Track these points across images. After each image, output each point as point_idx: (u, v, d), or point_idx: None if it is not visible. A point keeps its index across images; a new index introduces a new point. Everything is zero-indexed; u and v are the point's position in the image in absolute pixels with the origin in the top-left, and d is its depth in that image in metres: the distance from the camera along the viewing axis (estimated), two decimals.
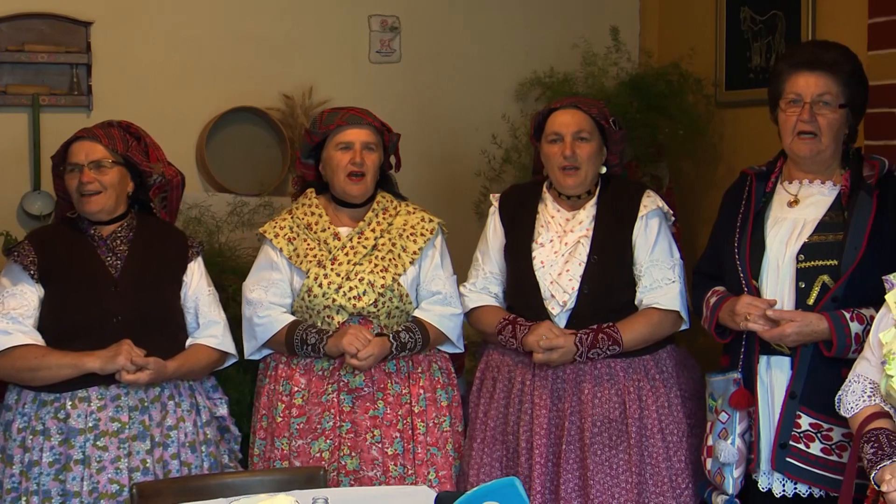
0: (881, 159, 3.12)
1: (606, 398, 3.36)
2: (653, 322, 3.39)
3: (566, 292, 3.39)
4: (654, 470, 3.35)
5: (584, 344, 3.32)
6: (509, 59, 4.74)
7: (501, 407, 3.48)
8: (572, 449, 3.35)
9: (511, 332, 3.42)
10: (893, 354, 2.63)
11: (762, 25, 4.23)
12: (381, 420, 3.38)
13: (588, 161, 3.43)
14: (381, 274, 3.40)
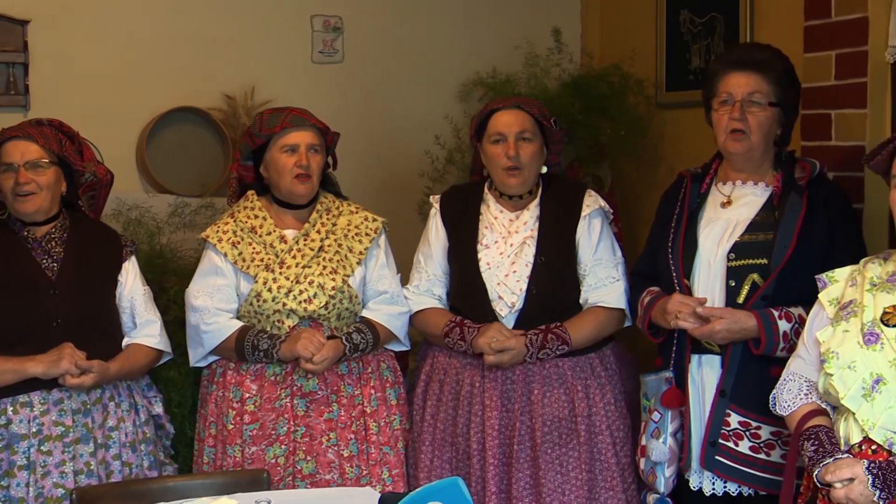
0: (812, 161, 3.18)
1: (556, 397, 3.38)
2: (599, 320, 3.43)
3: (514, 293, 3.41)
4: (604, 465, 3.38)
5: (535, 345, 3.34)
6: (452, 59, 4.75)
7: (450, 409, 3.48)
8: (524, 448, 3.37)
9: (459, 334, 3.43)
10: (832, 353, 2.67)
11: (701, 27, 4.28)
12: (335, 422, 3.38)
13: (531, 161, 3.45)
14: (330, 276, 3.39)
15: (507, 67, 4.64)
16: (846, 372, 2.62)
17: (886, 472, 2.48)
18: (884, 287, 2.70)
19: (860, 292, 2.73)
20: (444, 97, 4.72)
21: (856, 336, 2.65)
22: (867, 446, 2.57)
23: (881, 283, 2.71)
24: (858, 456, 2.56)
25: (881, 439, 2.54)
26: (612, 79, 4.53)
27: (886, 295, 2.67)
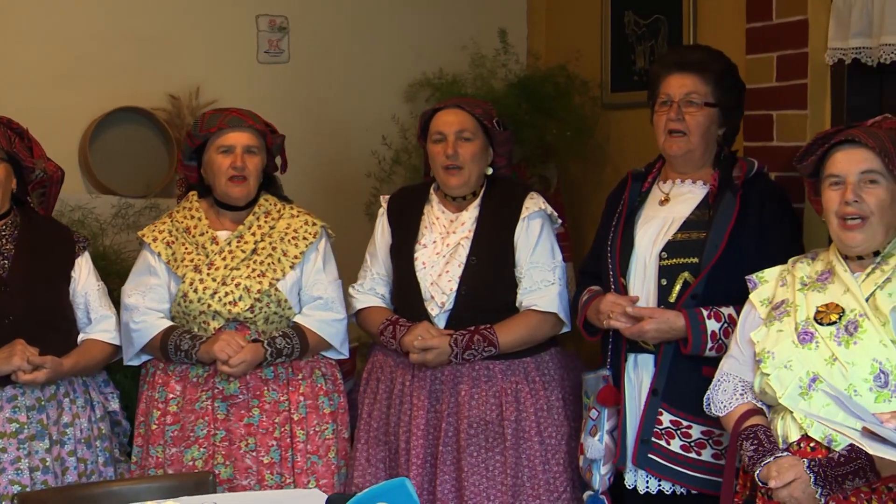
0: (750, 161, 3.21)
1: (483, 399, 3.37)
2: (531, 324, 3.41)
3: (444, 293, 3.41)
4: (531, 472, 3.36)
5: (460, 345, 3.34)
6: (399, 60, 4.74)
7: (384, 408, 3.48)
8: (448, 450, 3.37)
9: (392, 332, 3.43)
10: (768, 353, 2.70)
11: (645, 29, 4.31)
12: (256, 428, 3.35)
13: (471, 161, 3.45)
14: (257, 279, 3.36)
15: (454, 68, 4.64)
16: (783, 371, 2.65)
17: (827, 469, 2.52)
18: (814, 286, 2.73)
19: (792, 292, 2.76)
20: (391, 98, 4.72)
21: (790, 335, 2.68)
22: (806, 444, 2.61)
23: (812, 283, 2.75)
24: (797, 454, 2.60)
25: (820, 437, 2.58)
26: (558, 79, 4.55)
27: (818, 294, 2.71)
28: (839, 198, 2.66)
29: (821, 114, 3.40)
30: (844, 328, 2.60)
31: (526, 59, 4.88)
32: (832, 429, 2.54)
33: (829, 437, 2.56)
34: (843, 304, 2.64)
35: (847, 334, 2.59)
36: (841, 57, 3.28)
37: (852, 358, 2.56)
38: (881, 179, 2.64)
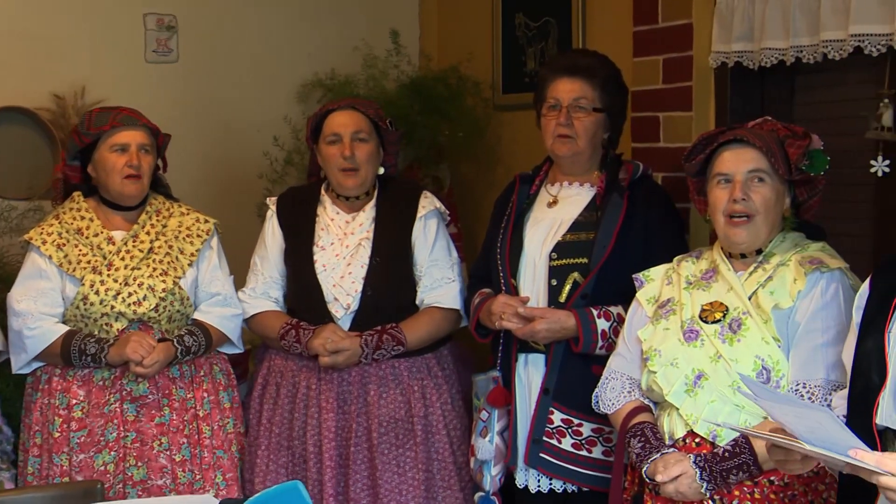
0: (636, 163, 3.28)
1: (392, 398, 3.40)
2: (435, 321, 3.45)
3: (349, 294, 3.40)
4: (441, 465, 3.41)
5: (370, 345, 3.34)
6: (290, 60, 4.70)
7: (286, 413, 3.46)
8: (360, 450, 3.37)
9: (295, 336, 3.40)
10: (655, 351, 2.76)
11: (536, 31, 4.36)
12: (167, 427, 3.32)
13: (367, 161, 3.46)
14: (160, 278, 3.33)
15: (346, 69, 4.63)
16: (669, 369, 2.70)
17: (712, 464, 2.57)
18: (699, 285, 2.79)
19: (677, 290, 2.82)
20: (283, 98, 4.68)
21: (676, 334, 2.73)
22: (691, 440, 2.66)
23: (696, 282, 2.80)
24: (683, 450, 2.65)
25: (705, 432, 2.64)
26: (450, 81, 4.57)
27: (702, 293, 2.76)
28: (727, 196, 2.71)
29: (705, 115, 3.47)
30: (728, 326, 2.66)
31: (418, 61, 4.89)
32: (716, 424, 2.61)
33: (714, 432, 2.62)
34: (727, 302, 2.70)
35: (731, 332, 2.65)
36: (724, 60, 3.36)
37: (736, 355, 2.62)
38: (767, 178, 2.70)
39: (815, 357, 2.55)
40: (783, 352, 2.60)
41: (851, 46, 2.93)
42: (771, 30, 3.17)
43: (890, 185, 3.02)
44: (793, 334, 2.60)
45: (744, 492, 2.57)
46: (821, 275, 2.62)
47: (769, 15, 3.17)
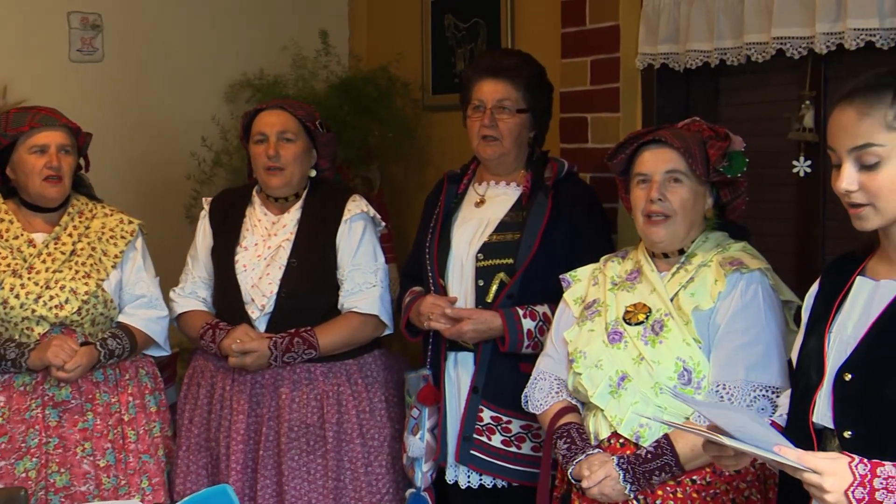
0: (561, 161, 3.30)
1: (304, 403, 3.36)
2: (352, 326, 3.40)
3: (265, 296, 3.37)
4: (353, 475, 3.36)
5: (279, 348, 3.31)
6: (218, 60, 4.66)
7: (205, 413, 3.44)
8: (269, 454, 3.34)
9: (212, 336, 3.38)
10: (580, 353, 2.77)
11: (465, 32, 4.37)
12: (91, 432, 3.27)
13: (293, 162, 3.42)
14: (83, 280, 3.27)
15: (275, 69, 4.60)
16: (593, 370, 2.72)
17: (635, 465, 2.59)
18: (624, 286, 2.81)
19: (603, 291, 2.84)
20: (211, 98, 4.63)
21: (601, 335, 2.75)
22: (615, 440, 2.68)
23: (621, 283, 2.82)
24: (608, 450, 2.67)
25: (628, 433, 2.65)
26: (380, 81, 4.56)
27: (627, 294, 2.78)
28: (645, 195, 2.74)
29: (632, 116, 3.51)
30: (651, 328, 2.68)
31: (347, 61, 4.88)
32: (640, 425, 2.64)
33: (638, 434, 2.64)
34: (650, 303, 2.72)
35: (653, 333, 2.67)
36: (650, 62, 3.40)
37: (658, 357, 2.64)
38: (685, 179, 2.72)
39: (735, 358, 2.58)
40: (704, 353, 2.62)
41: (774, 49, 2.98)
42: (696, 32, 3.21)
43: (811, 186, 3.07)
44: (714, 335, 2.63)
45: (667, 492, 2.60)
46: (741, 276, 2.65)
47: (694, 17, 3.21)
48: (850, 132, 2.06)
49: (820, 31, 2.85)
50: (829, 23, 2.83)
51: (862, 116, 2.05)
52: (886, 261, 2.17)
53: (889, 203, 2.06)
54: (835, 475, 1.95)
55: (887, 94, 2.04)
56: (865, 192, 2.06)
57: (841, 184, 2.08)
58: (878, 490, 1.95)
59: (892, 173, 2.04)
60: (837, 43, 2.83)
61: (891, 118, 2.03)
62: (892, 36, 2.74)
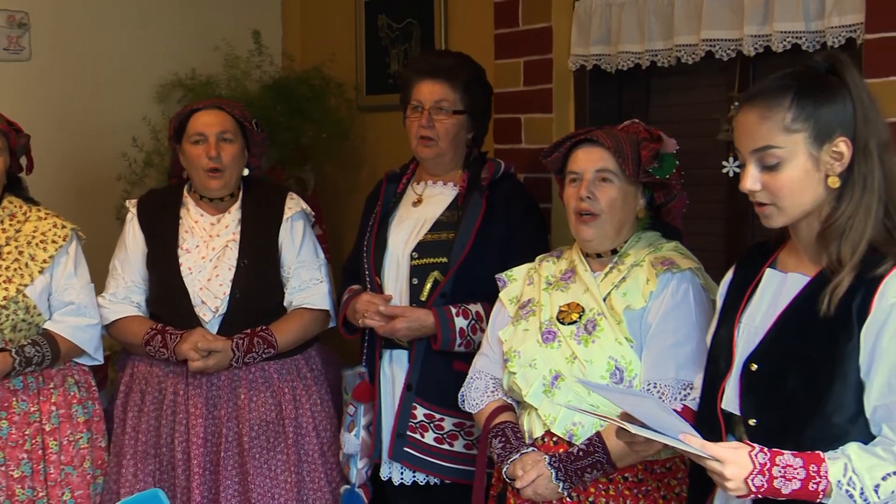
0: (497, 162, 3.32)
1: (263, 401, 3.36)
2: (304, 322, 3.43)
3: (217, 297, 3.35)
4: (311, 467, 3.39)
5: (241, 349, 3.31)
6: (149, 59, 4.61)
7: (152, 420, 3.39)
8: (231, 455, 3.33)
9: (161, 341, 3.34)
10: (515, 352, 2.79)
11: (399, 32, 4.37)
12: (4, 441, 3.20)
13: (233, 162, 3.41)
14: (3, 285, 3.20)
15: (207, 69, 4.56)
16: (528, 370, 2.73)
17: (567, 463, 2.61)
18: (558, 286, 2.83)
19: (537, 291, 2.86)
20: (142, 98, 4.58)
21: (535, 335, 2.76)
22: (549, 439, 2.69)
23: (556, 282, 2.84)
24: (542, 448, 2.69)
25: (562, 432, 2.67)
26: (314, 82, 4.55)
27: (561, 293, 2.80)
28: (575, 193, 2.76)
29: (565, 117, 3.54)
30: (584, 327, 2.70)
31: (280, 61, 4.85)
32: (573, 423, 2.66)
33: (571, 432, 2.66)
34: (584, 303, 2.74)
35: (586, 333, 2.69)
36: (583, 63, 3.43)
37: (590, 356, 2.66)
38: (614, 179, 2.75)
39: (666, 357, 2.60)
40: (636, 352, 2.65)
41: (703, 51, 3.03)
42: (627, 34, 3.25)
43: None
44: (645, 335, 2.65)
45: (599, 489, 2.62)
46: (672, 275, 2.68)
47: (625, 20, 3.25)
48: (752, 134, 2.14)
49: (748, 34, 2.90)
50: (756, 25, 2.89)
51: (762, 119, 2.12)
52: (795, 253, 2.25)
53: (791, 202, 2.14)
54: (735, 463, 2.04)
55: (786, 97, 2.11)
56: (768, 192, 2.15)
57: (745, 184, 2.16)
58: (776, 478, 2.03)
59: (792, 174, 2.12)
60: (765, 45, 2.89)
61: (789, 121, 2.11)
62: (818, 38, 2.80)
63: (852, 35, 2.72)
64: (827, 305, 2.09)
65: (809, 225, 2.19)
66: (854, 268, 2.10)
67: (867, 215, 2.11)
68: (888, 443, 2.05)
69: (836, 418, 2.08)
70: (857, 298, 2.08)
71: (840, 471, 2.02)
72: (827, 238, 2.14)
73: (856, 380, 2.07)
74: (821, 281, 2.15)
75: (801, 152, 2.11)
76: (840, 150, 2.12)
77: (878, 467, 2.03)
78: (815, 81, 2.14)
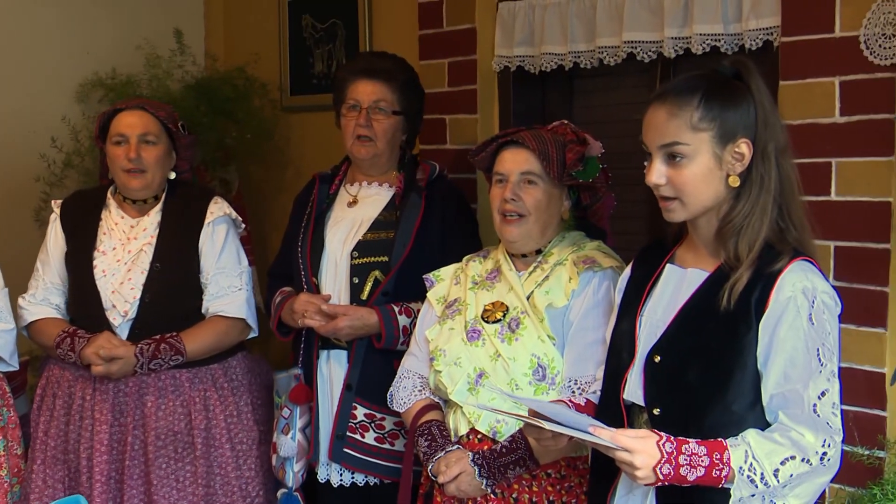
0: (433, 164, 3.33)
1: (171, 410, 3.31)
2: (219, 331, 3.37)
3: (127, 301, 3.30)
4: (224, 480, 3.34)
5: (146, 355, 3.25)
6: (68, 58, 4.53)
7: (62, 424, 3.33)
8: (136, 464, 3.27)
9: (70, 344, 3.28)
10: (440, 351, 2.80)
11: (323, 33, 4.36)
12: None
13: (155, 164, 3.37)
14: None
15: (128, 68, 4.50)
16: (453, 368, 2.75)
17: (490, 460, 2.63)
18: (484, 285, 2.85)
19: (463, 290, 2.88)
20: (61, 98, 4.50)
21: (460, 333, 2.79)
22: (474, 436, 2.72)
23: (481, 282, 2.87)
24: (467, 446, 2.71)
25: (486, 429, 2.70)
26: (237, 82, 4.52)
27: (486, 293, 2.82)
28: (501, 194, 2.79)
29: (490, 118, 3.56)
30: (508, 325, 2.73)
31: (203, 61, 4.81)
32: (497, 421, 2.69)
33: (494, 429, 2.69)
34: (508, 302, 2.77)
35: (510, 331, 2.72)
36: (507, 64, 3.45)
37: (513, 354, 2.69)
38: (539, 181, 2.77)
39: (586, 354, 2.64)
40: (558, 349, 2.68)
41: (625, 52, 3.07)
42: (550, 35, 3.28)
43: None
44: (567, 332, 2.69)
45: (522, 485, 2.65)
46: (594, 274, 2.71)
47: (548, 21, 3.27)
48: (660, 130, 2.23)
49: (668, 36, 2.95)
50: (676, 28, 2.93)
51: (671, 116, 2.21)
52: (693, 249, 2.34)
53: (693, 198, 2.23)
54: (644, 453, 2.11)
55: (695, 97, 2.20)
56: (672, 187, 2.23)
57: (650, 178, 2.26)
58: (682, 466, 2.12)
59: (696, 171, 2.21)
60: (685, 47, 2.94)
61: (696, 120, 2.19)
62: (736, 41, 2.85)
63: (769, 38, 2.78)
64: (727, 300, 2.18)
65: (709, 221, 2.27)
66: (751, 264, 2.19)
67: (763, 214, 2.20)
68: (785, 429, 2.14)
69: (736, 406, 2.17)
70: (755, 293, 2.17)
71: (741, 457, 2.11)
72: (725, 235, 2.23)
73: (754, 370, 2.17)
74: (719, 276, 2.23)
75: (705, 150, 2.20)
76: (742, 151, 2.20)
77: (776, 453, 2.12)
78: (722, 85, 2.22)
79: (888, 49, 2.54)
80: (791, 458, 2.12)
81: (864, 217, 2.58)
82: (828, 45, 2.64)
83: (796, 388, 2.13)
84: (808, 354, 2.14)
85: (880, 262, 2.58)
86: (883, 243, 2.58)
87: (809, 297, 2.15)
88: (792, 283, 2.15)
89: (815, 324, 2.14)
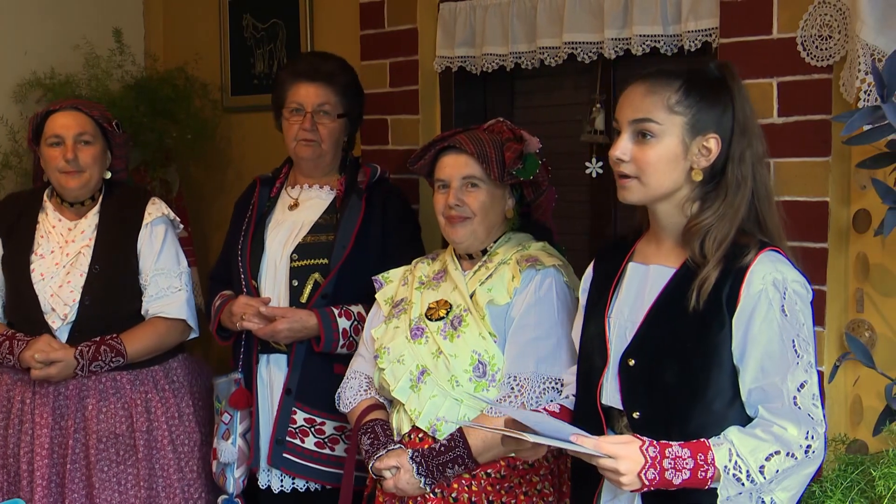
0: (374, 166, 3.32)
1: (112, 412, 3.28)
2: (159, 332, 3.35)
3: (66, 305, 3.26)
4: (166, 482, 3.31)
5: (85, 357, 3.21)
6: (6, 57, 4.44)
7: (1, 429, 3.29)
8: (78, 467, 3.24)
9: (8, 348, 3.24)
10: (384, 349, 2.80)
11: (264, 33, 4.32)
12: None
13: (92, 164, 3.33)
14: None
15: (67, 68, 4.44)
16: (396, 365, 2.76)
17: (428, 458, 2.63)
18: (430, 285, 2.86)
19: (410, 291, 2.88)
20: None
21: (404, 331, 2.79)
22: (415, 435, 2.71)
23: (428, 282, 2.87)
24: (409, 445, 2.70)
25: (426, 427, 2.69)
26: (178, 82, 4.47)
27: (431, 292, 2.83)
28: (444, 200, 2.80)
29: (432, 118, 3.56)
30: (450, 323, 2.74)
31: (143, 61, 4.75)
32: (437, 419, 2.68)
33: (434, 427, 2.68)
34: (452, 300, 2.78)
35: (452, 328, 2.73)
36: (448, 65, 3.45)
37: (455, 351, 2.69)
38: (481, 184, 2.78)
39: (527, 351, 2.65)
40: (499, 346, 2.69)
41: (566, 53, 3.08)
42: (491, 36, 3.28)
43: (603, 186, 3.18)
44: (509, 329, 2.70)
45: (462, 485, 2.65)
46: (536, 272, 2.72)
47: (489, 22, 3.28)
48: (635, 105, 2.22)
49: (608, 37, 2.96)
50: (616, 29, 2.95)
51: (649, 93, 2.21)
52: (654, 242, 2.33)
53: (653, 179, 2.22)
54: (628, 458, 2.09)
55: (677, 81, 2.21)
56: (635, 165, 2.21)
57: (615, 151, 2.24)
58: (667, 470, 2.10)
59: (661, 153, 2.20)
60: (625, 48, 2.96)
61: (673, 102, 2.20)
62: (675, 42, 2.87)
63: (708, 39, 2.81)
64: (696, 300, 2.17)
65: (669, 215, 2.26)
66: (718, 262, 2.18)
67: (735, 217, 2.20)
68: (767, 424, 2.14)
69: (716, 405, 2.16)
70: (725, 288, 2.16)
71: (725, 456, 2.11)
72: (693, 234, 2.21)
73: (731, 366, 2.16)
74: (685, 273, 2.22)
75: (675, 134, 2.19)
76: (709, 147, 2.20)
77: (759, 449, 2.12)
78: (706, 81, 2.22)
79: (825, 50, 2.57)
80: (776, 454, 2.11)
81: (802, 217, 2.61)
82: (765, 47, 2.67)
83: (774, 381, 2.13)
84: (783, 347, 2.13)
85: (818, 261, 2.61)
86: (820, 243, 2.62)
87: (780, 289, 2.14)
88: (762, 275, 2.14)
89: (787, 315, 2.14)
